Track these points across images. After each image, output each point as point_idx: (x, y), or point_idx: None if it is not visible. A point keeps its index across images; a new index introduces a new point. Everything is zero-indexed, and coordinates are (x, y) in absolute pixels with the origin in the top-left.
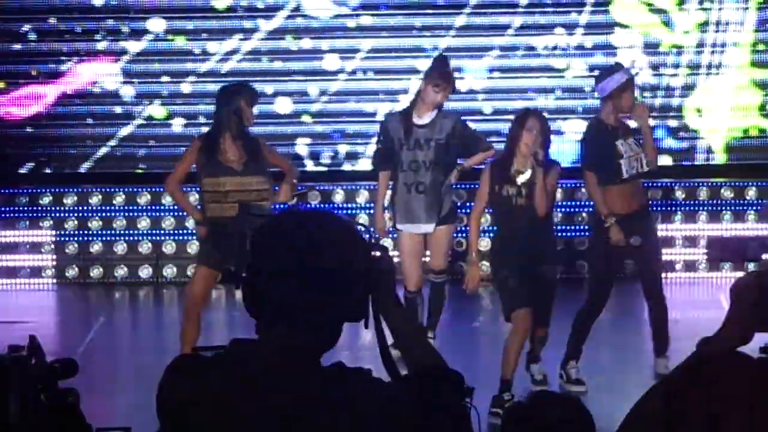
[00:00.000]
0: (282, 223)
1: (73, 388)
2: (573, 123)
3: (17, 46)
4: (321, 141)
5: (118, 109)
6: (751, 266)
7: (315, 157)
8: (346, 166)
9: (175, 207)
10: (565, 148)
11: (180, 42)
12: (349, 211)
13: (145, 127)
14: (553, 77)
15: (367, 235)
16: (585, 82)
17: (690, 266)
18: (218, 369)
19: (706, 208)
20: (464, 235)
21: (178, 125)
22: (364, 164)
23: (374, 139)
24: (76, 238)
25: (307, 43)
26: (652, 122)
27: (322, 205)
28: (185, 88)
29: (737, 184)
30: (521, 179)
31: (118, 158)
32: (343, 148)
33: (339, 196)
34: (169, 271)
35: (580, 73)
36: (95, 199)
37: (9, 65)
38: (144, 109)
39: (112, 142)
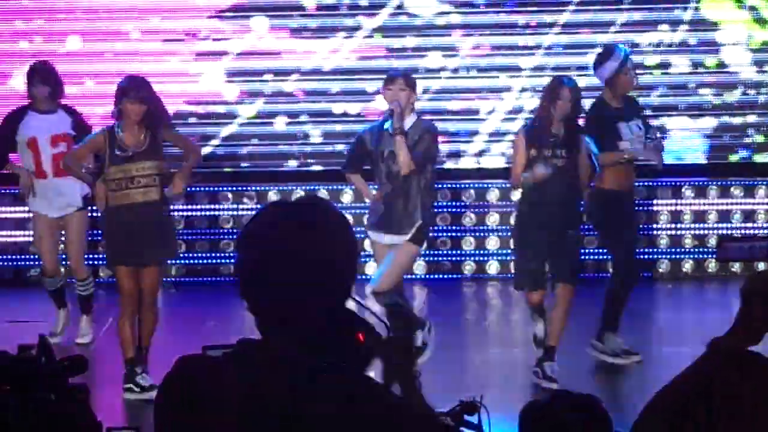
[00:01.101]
0: (268, 215)
1: (84, 384)
2: (677, 120)
3: (119, 46)
4: None
5: (221, 109)
6: (761, 266)
7: None
8: (449, 164)
9: None
10: (668, 145)
11: (282, 40)
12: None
13: (247, 125)
14: (655, 74)
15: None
16: (688, 79)
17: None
18: (224, 369)
19: None
20: None
21: (281, 123)
22: (468, 162)
23: (476, 137)
24: None
25: (410, 41)
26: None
27: None
28: (288, 86)
29: None
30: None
31: (221, 157)
32: (445, 147)
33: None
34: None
35: (683, 69)
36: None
37: (112, 64)
38: (245, 107)
39: (215, 141)
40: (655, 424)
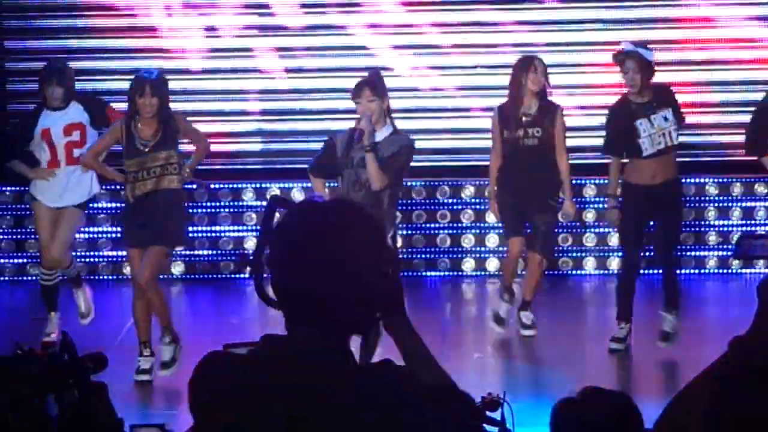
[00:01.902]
0: (300, 215)
1: (102, 382)
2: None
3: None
4: None
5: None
6: None
7: None
8: None
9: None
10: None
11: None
12: None
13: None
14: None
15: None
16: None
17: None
18: (248, 366)
19: None
20: None
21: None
22: None
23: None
24: None
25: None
26: None
27: None
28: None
29: None
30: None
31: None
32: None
33: None
34: None
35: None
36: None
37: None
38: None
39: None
40: (678, 422)
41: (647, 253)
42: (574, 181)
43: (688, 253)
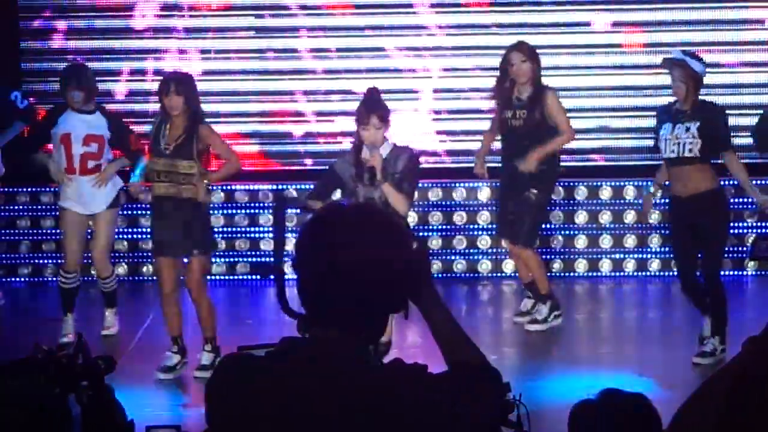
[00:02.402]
0: (323, 218)
1: (109, 384)
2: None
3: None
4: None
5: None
6: None
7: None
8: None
9: None
10: None
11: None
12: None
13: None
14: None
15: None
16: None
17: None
18: (267, 369)
19: None
20: None
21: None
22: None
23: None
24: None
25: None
26: None
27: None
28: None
29: None
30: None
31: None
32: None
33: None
34: None
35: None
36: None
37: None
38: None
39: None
40: (693, 422)
41: None
42: (588, 184)
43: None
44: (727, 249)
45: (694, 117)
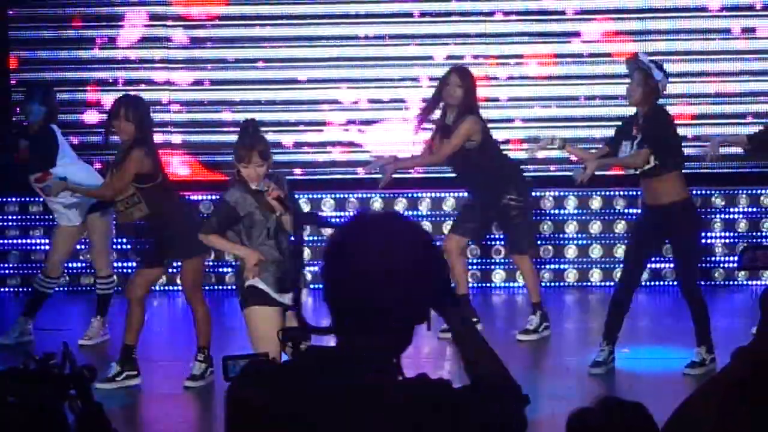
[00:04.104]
0: (349, 227)
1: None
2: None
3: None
4: None
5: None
6: None
7: None
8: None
9: None
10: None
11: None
12: None
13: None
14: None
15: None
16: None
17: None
18: (291, 377)
19: None
20: None
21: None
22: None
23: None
24: None
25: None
26: None
27: None
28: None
29: None
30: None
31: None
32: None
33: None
34: None
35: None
36: None
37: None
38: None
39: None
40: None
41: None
42: (579, 193)
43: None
44: (718, 258)
45: (641, 127)
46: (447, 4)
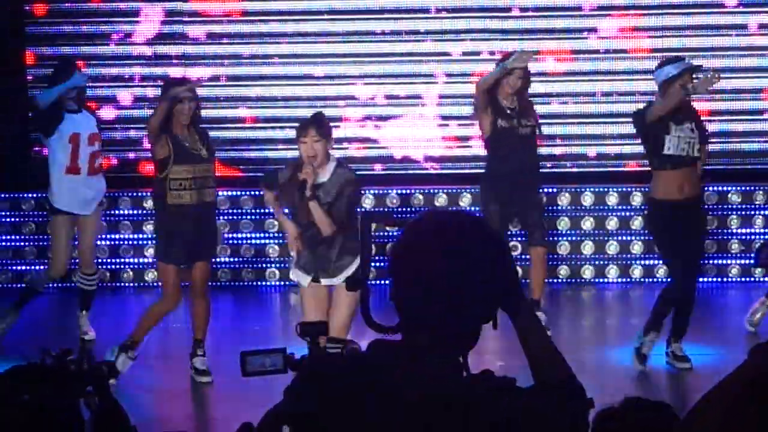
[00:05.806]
0: (420, 226)
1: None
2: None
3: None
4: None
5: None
6: None
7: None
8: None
9: None
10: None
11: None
12: None
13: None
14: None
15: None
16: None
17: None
18: (354, 373)
19: None
20: None
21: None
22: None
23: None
24: None
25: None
26: None
27: None
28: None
29: None
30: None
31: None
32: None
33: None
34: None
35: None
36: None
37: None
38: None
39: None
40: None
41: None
42: (594, 189)
43: (711, 262)
44: (735, 254)
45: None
46: (464, 1)
